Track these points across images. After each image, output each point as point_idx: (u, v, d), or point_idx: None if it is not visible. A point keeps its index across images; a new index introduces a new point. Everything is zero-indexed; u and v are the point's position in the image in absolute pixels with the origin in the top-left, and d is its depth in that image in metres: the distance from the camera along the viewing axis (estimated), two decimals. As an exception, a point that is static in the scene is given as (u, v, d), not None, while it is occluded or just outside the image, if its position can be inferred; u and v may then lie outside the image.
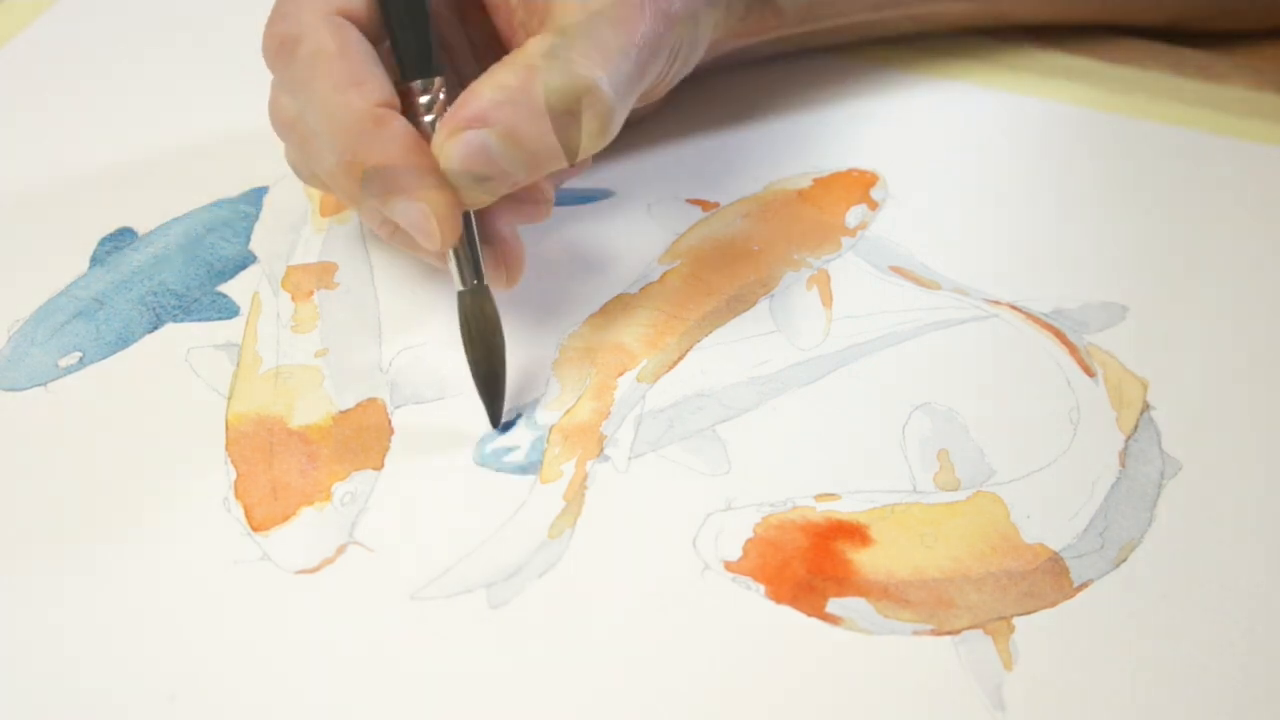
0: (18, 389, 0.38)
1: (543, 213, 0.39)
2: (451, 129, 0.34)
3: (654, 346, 0.39)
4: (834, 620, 0.32)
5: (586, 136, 0.34)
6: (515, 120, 0.34)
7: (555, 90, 0.34)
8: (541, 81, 0.34)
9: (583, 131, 0.34)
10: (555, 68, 0.34)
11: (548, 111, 0.34)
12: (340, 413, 0.37)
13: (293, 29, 0.35)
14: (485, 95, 0.34)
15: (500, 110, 0.34)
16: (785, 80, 0.49)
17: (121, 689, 0.31)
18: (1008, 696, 0.31)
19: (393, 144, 0.34)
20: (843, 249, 0.43)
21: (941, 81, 0.50)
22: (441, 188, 0.34)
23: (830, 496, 0.35)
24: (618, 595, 0.33)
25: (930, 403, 0.38)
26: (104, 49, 0.52)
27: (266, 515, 0.35)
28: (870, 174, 0.45)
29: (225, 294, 0.41)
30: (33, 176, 0.46)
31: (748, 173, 0.46)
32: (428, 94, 0.36)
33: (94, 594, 0.33)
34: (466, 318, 0.36)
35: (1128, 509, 0.35)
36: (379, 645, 0.32)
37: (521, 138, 0.34)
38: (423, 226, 0.34)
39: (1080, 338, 0.39)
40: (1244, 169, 0.46)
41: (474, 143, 0.34)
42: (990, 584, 0.33)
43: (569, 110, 0.34)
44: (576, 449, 0.36)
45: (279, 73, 0.36)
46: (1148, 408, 0.37)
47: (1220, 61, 0.50)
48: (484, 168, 0.34)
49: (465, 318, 0.36)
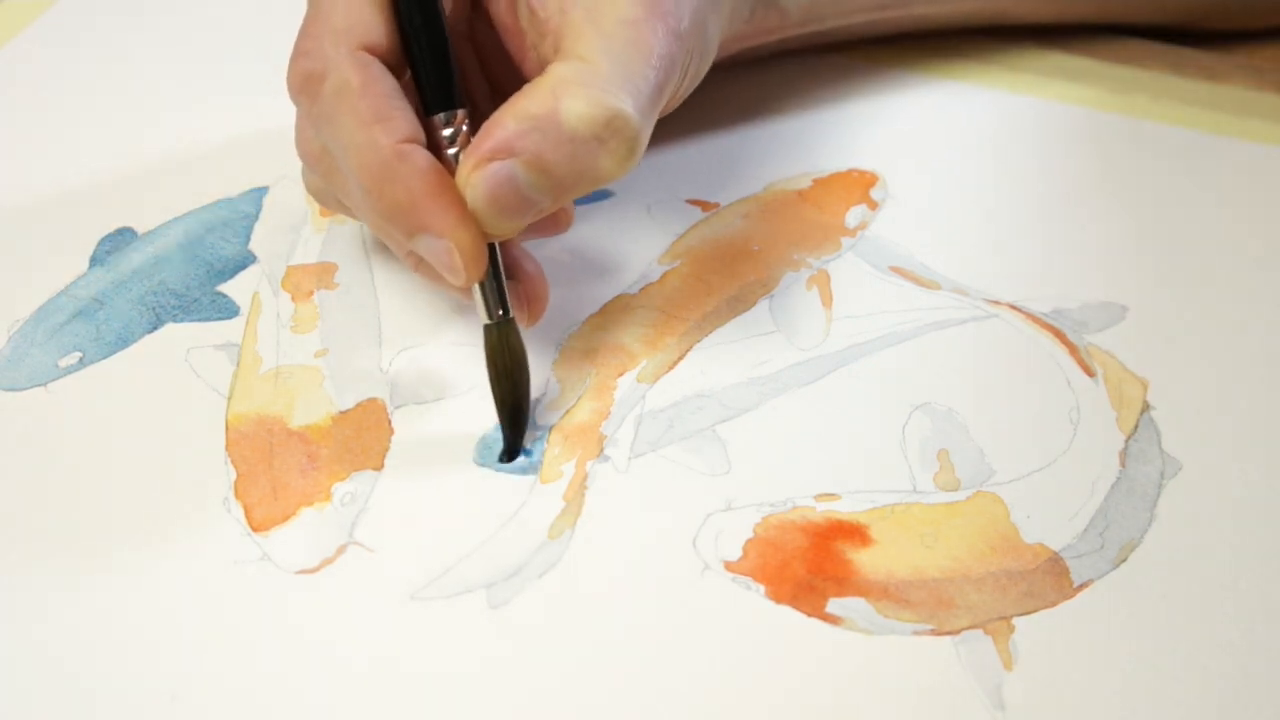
0: (18, 389, 0.38)
1: (564, 224, 0.39)
2: (477, 161, 0.33)
3: (654, 347, 0.39)
4: (834, 620, 0.32)
5: (614, 162, 0.34)
6: (541, 149, 0.33)
7: (582, 117, 0.33)
8: (566, 108, 0.33)
9: (611, 157, 0.34)
10: (579, 94, 0.33)
11: (574, 138, 0.33)
12: (340, 413, 0.37)
13: (317, 65, 0.35)
14: (509, 125, 0.33)
15: (526, 139, 0.33)
16: (785, 80, 0.49)
17: (122, 689, 0.31)
18: (1008, 696, 0.31)
19: (417, 180, 0.34)
20: (843, 249, 0.43)
21: (941, 81, 0.50)
22: (466, 224, 0.34)
23: (830, 496, 0.35)
24: (618, 595, 0.33)
25: (930, 403, 0.38)
26: (104, 49, 0.52)
27: (266, 515, 0.35)
28: (870, 174, 0.45)
29: (225, 294, 0.41)
30: (33, 176, 0.46)
31: (748, 173, 0.46)
32: (451, 126, 0.36)
33: (94, 594, 0.33)
34: (493, 351, 0.36)
35: (1128, 509, 0.35)
36: (379, 645, 0.32)
37: (549, 166, 0.33)
38: (448, 263, 0.34)
39: (1080, 338, 0.39)
40: (1244, 169, 0.46)
41: (501, 174, 0.33)
42: (990, 584, 0.33)
43: (596, 136, 0.34)
44: (576, 449, 0.36)
45: (304, 108, 0.36)
46: (1148, 408, 0.37)
47: (1220, 61, 0.50)
48: (511, 198, 0.34)
49: (491, 351, 0.36)
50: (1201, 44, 0.51)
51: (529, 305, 0.38)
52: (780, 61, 0.49)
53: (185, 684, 0.31)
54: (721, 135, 0.47)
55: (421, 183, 0.34)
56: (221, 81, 0.50)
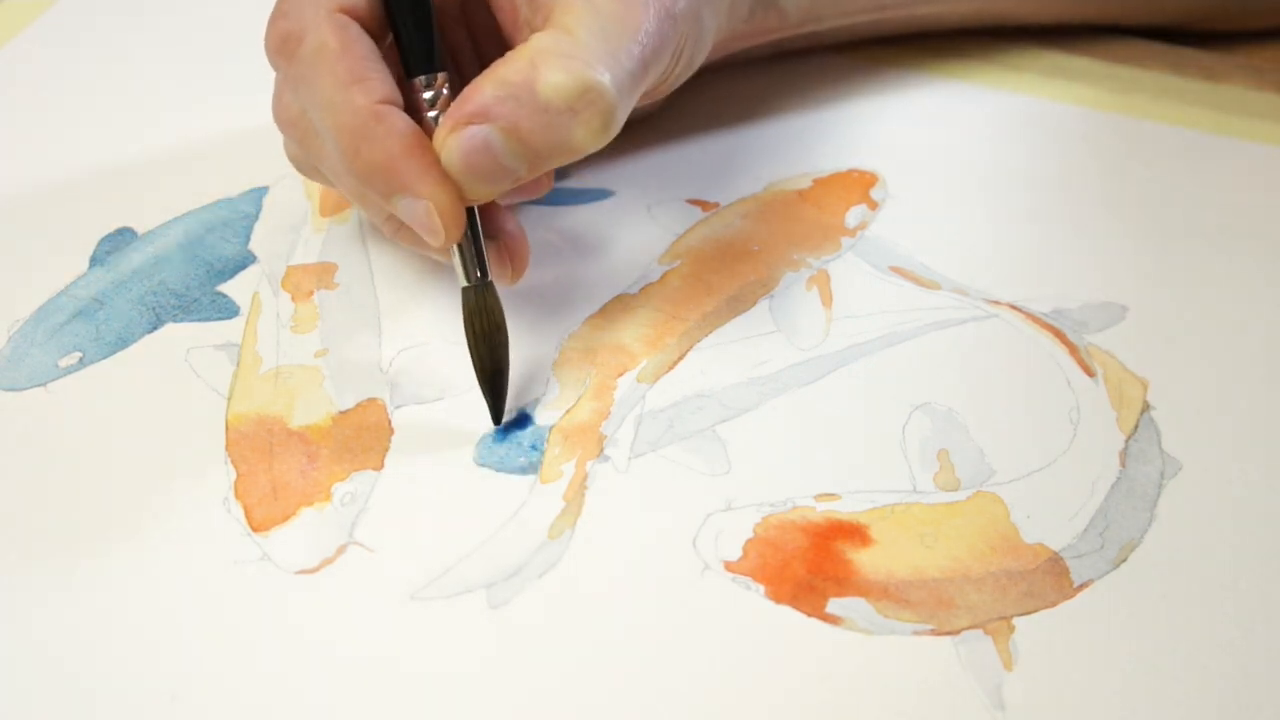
0: (18, 389, 0.38)
1: (542, 188, 0.40)
2: (453, 125, 0.34)
3: (654, 346, 0.39)
4: (834, 620, 0.32)
5: (589, 133, 0.34)
6: (517, 116, 0.34)
7: (557, 87, 0.34)
8: (543, 78, 0.34)
9: (585, 128, 0.34)
10: (557, 64, 0.34)
11: (549, 108, 0.34)
12: (340, 413, 0.37)
13: (295, 26, 0.35)
14: (487, 91, 0.34)
15: (502, 106, 0.34)
16: (785, 80, 0.49)
17: (122, 689, 0.31)
18: (1008, 696, 0.31)
19: (395, 140, 0.34)
20: (843, 249, 0.43)
21: (941, 81, 0.50)
22: (444, 184, 0.34)
23: (830, 496, 0.35)
24: (618, 595, 0.33)
25: (930, 403, 0.38)
26: (104, 49, 0.52)
27: (266, 515, 0.35)
28: (870, 174, 0.45)
29: (225, 294, 0.41)
30: (33, 176, 0.46)
31: (748, 173, 0.46)
32: (431, 90, 0.36)
33: (94, 594, 0.33)
34: (470, 314, 0.36)
35: (1128, 509, 0.35)
36: (379, 645, 0.32)
37: (523, 134, 0.34)
38: (426, 223, 0.34)
39: (1080, 338, 0.39)
40: (1244, 169, 0.46)
41: (476, 138, 0.34)
42: (990, 584, 0.33)
43: (571, 107, 0.34)
44: (576, 449, 0.36)
45: (281, 70, 0.37)
46: (1148, 408, 0.37)
47: (1220, 61, 0.50)
48: (486, 163, 0.34)
49: (469, 314, 0.36)
50: (1201, 44, 0.51)
51: (511, 262, 0.38)
52: (780, 61, 0.49)
53: (185, 684, 0.31)
54: (721, 135, 0.47)
55: (399, 143, 0.34)
56: (221, 81, 0.50)
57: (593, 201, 0.44)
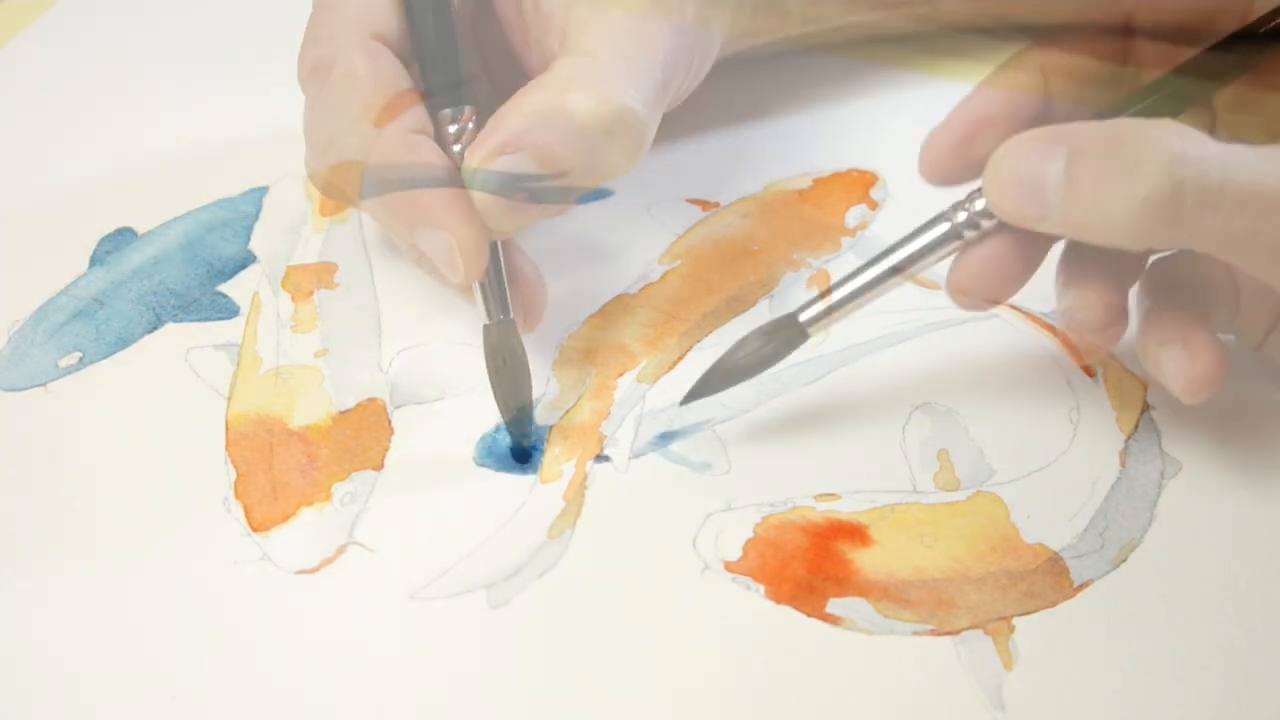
0: (18, 389, 0.38)
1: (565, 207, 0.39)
2: (485, 155, 0.33)
3: (654, 347, 0.39)
4: (834, 620, 0.32)
5: (623, 156, 0.34)
6: (549, 143, 0.33)
7: (590, 112, 0.33)
8: (575, 104, 0.33)
9: (620, 151, 0.34)
10: (588, 90, 0.33)
11: (585, 133, 0.33)
12: (340, 413, 0.37)
13: (327, 52, 0.35)
14: (518, 120, 0.33)
15: (535, 133, 0.33)
16: (785, 80, 0.49)
17: (122, 689, 0.31)
18: (1008, 696, 0.31)
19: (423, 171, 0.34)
20: (843, 249, 0.43)
21: (941, 81, 0.50)
22: (468, 220, 0.34)
23: (830, 496, 0.35)
24: (618, 595, 0.33)
25: (930, 403, 0.38)
26: (104, 49, 0.52)
27: (266, 515, 0.35)
28: (870, 174, 0.45)
29: (225, 294, 0.41)
30: (33, 176, 0.46)
31: (748, 173, 0.45)
32: (456, 123, 0.36)
33: (94, 594, 0.33)
34: (492, 351, 0.36)
35: (1128, 509, 0.35)
36: (379, 645, 0.32)
37: (558, 160, 0.33)
38: (447, 260, 0.34)
39: (1080, 338, 0.39)
40: (1244, 169, 0.45)
41: (509, 167, 0.33)
42: (990, 584, 0.33)
43: (606, 130, 0.34)
44: (576, 449, 0.36)
45: (311, 95, 0.36)
46: (1148, 408, 0.37)
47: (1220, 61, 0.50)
48: (518, 193, 0.33)
49: (491, 351, 0.36)
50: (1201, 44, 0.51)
51: (526, 312, 0.37)
52: (780, 61, 0.49)
53: (185, 684, 0.31)
54: (721, 135, 0.47)
55: (427, 174, 0.34)
56: (221, 81, 0.50)
57: (593, 201, 0.44)
